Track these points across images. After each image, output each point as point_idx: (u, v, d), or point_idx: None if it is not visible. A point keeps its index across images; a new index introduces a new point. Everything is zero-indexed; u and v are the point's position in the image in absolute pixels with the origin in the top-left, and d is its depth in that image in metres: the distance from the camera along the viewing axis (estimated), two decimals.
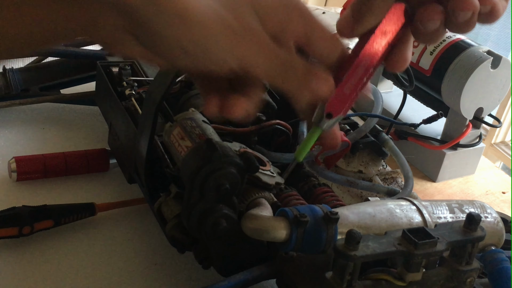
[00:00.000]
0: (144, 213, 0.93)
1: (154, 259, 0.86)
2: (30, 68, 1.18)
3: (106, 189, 0.99)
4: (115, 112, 0.94)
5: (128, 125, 0.87)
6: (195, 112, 0.81)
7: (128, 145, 0.88)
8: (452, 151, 1.16)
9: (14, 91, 1.11)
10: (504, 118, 1.96)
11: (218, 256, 0.74)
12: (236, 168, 0.69)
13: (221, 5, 0.45)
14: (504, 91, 1.13)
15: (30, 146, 1.06)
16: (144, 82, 0.96)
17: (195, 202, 0.69)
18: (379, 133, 0.95)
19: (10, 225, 0.83)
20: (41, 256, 0.84)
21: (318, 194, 0.82)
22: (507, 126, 2.03)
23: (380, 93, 1.02)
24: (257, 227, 0.66)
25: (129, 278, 0.83)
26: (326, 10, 1.74)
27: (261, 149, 0.84)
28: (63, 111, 1.18)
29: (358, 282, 0.59)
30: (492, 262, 0.70)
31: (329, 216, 0.65)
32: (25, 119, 1.15)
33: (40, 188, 0.96)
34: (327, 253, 0.66)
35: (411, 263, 0.59)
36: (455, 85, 1.09)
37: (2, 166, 0.99)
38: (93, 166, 1.01)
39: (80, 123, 1.16)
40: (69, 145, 1.07)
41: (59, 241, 0.87)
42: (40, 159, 0.97)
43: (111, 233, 0.90)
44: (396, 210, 0.71)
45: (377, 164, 0.94)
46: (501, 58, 1.09)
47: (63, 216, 0.88)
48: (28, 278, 0.80)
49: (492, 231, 0.75)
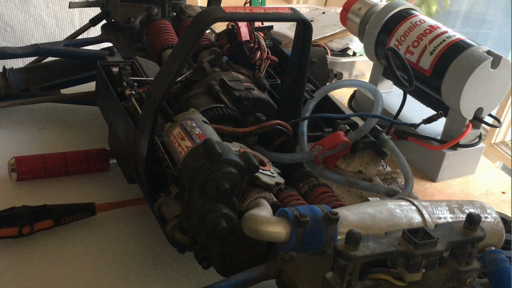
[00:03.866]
0: (144, 213, 0.93)
1: (154, 259, 0.86)
2: (30, 68, 1.18)
3: (106, 189, 0.99)
4: (115, 112, 0.94)
5: (128, 125, 0.87)
6: (195, 112, 0.81)
7: (128, 145, 0.88)
8: (452, 151, 1.16)
9: (14, 91, 1.11)
10: (504, 118, 1.95)
11: (218, 256, 0.74)
12: (236, 168, 0.69)
13: None
14: (504, 91, 1.13)
15: (30, 146, 1.06)
16: (144, 82, 0.96)
17: (195, 202, 0.69)
18: (379, 133, 0.95)
19: (10, 225, 0.83)
20: (41, 256, 0.84)
21: (318, 194, 0.82)
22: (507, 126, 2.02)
23: (380, 93, 1.02)
24: (257, 227, 0.66)
25: (129, 278, 0.83)
26: (326, 10, 1.74)
27: (261, 149, 0.84)
28: (63, 111, 1.18)
29: (358, 282, 0.59)
30: (492, 262, 0.70)
31: (329, 216, 0.65)
32: (25, 119, 1.14)
33: (40, 188, 0.96)
34: (327, 253, 0.66)
35: (411, 263, 0.59)
36: (455, 85, 1.09)
37: (2, 166, 0.99)
38: (93, 166, 1.01)
39: (80, 123, 1.16)
40: (69, 145, 1.07)
41: (59, 241, 0.87)
42: (40, 159, 0.97)
43: (111, 233, 0.90)
44: (396, 210, 0.71)
45: (377, 164, 0.94)
46: (501, 58, 1.09)
47: (63, 216, 0.88)
48: (28, 278, 0.80)
49: (492, 232, 0.75)
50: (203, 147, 0.69)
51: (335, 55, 1.53)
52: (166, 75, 0.77)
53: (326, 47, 1.49)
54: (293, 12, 0.80)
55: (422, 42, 1.17)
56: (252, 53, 1.07)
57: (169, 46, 1.12)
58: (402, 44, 1.20)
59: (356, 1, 1.33)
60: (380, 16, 1.25)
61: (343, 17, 1.35)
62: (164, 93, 0.76)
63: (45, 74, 1.17)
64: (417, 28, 1.19)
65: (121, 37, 1.21)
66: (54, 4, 1.67)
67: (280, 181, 0.79)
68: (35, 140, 1.09)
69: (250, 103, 0.91)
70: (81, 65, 1.18)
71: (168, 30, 1.17)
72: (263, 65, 1.07)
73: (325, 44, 1.52)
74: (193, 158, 0.69)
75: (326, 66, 1.24)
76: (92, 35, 1.29)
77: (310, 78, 1.07)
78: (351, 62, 1.52)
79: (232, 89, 0.91)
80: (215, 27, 1.29)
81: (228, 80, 0.93)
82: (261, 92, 0.94)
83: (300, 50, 0.85)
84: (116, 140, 0.95)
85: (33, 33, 1.65)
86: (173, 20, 1.24)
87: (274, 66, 1.11)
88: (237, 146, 0.80)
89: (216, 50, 1.07)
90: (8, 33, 1.62)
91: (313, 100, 1.00)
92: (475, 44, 1.12)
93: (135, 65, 1.02)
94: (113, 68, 0.99)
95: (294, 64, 0.87)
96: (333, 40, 1.56)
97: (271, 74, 1.08)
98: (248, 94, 0.91)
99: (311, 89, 1.04)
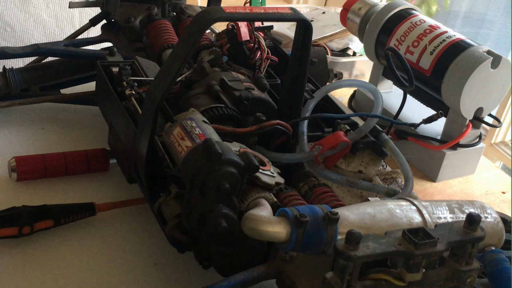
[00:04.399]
0: (144, 213, 0.93)
1: (154, 259, 0.86)
2: (30, 68, 1.18)
3: (106, 189, 0.99)
4: (115, 112, 0.94)
5: (128, 125, 0.87)
6: (195, 112, 0.81)
7: (128, 145, 0.88)
8: (452, 151, 1.16)
9: (14, 91, 1.11)
10: (504, 118, 1.95)
11: (218, 256, 0.74)
12: (236, 168, 0.69)
13: None
14: (504, 91, 1.13)
15: (30, 146, 1.06)
16: (144, 82, 0.96)
17: (195, 202, 0.69)
18: (379, 133, 0.95)
19: (10, 225, 0.83)
20: (41, 256, 0.84)
21: (318, 194, 0.82)
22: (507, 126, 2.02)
23: (380, 93, 1.02)
24: (257, 227, 0.66)
25: (129, 278, 0.83)
26: (326, 10, 1.74)
27: (261, 149, 0.84)
28: (63, 111, 1.18)
29: (358, 282, 0.59)
30: (492, 262, 0.70)
31: (329, 216, 0.65)
32: (25, 119, 1.14)
33: (40, 188, 0.96)
34: (327, 253, 0.66)
35: (411, 263, 0.59)
36: (455, 85, 1.09)
37: (2, 166, 0.99)
38: (93, 166, 1.01)
39: (80, 123, 1.16)
40: (69, 145, 1.07)
41: (59, 241, 0.87)
42: (40, 159, 0.97)
43: (111, 233, 0.90)
44: (396, 210, 0.71)
45: (377, 164, 0.94)
46: (501, 58, 1.09)
47: (63, 216, 0.88)
48: (28, 278, 0.80)
49: (492, 232, 0.75)
50: (203, 147, 0.69)
51: (335, 55, 1.53)
52: (166, 75, 0.77)
53: (326, 47, 1.49)
54: (293, 12, 0.80)
55: (422, 42, 1.17)
56: (252, 53, 1.07)
57: (169, 46, 1.12)
58: (402, 44, 1.20)
59: (356, 1, 1.33)
60: (380, 16, 1.25)
61: (343, 17, 1.35)
62: (164, 93, 0.76)
63: (45, 74, 1.17)
64: (417, 28, 1.19)
65: (121, 37, 1.21)
66: (54, 4, 1.67)
67: (280, 181, 0.79)
68: (35, 140, 1.09)
69: (250, 103, 0.91)
70: (81, 65, 1.18)
71: (168, 30, 1.17)
72: (263, 65, 1.07)
73: (325, 44, 1.52)
74: (193, 158, 0.69)
75: (326, 66, 1.24)
76: (92, 35, 1.29)
77: (310, 78, 1.07)
78: (351, 62, 1.52)
79: (232, 89, 0.91)
80: (215, 27, 1.29)
81: (228, 80, 0.93)
82: (261, 92, 0.94)
83: (300, 50, 0.85)
84: (116, 140, 0.95)
85: (33, 33, 1.65)
86: (173, 20, 1.24)
87: (274, 66, 1.11)
88: (237, 146, 0.80)
89: (216, 50, 1.07)
90: (8, 33, 1.62)
91: (313, 100, 1.00)
92: (475, 44, 1.12)
93: (135, 65, 1.02)
94: (113, 68, 0.99)
95: (294, 64, 0.87)
96: (333, 40, 1.56)
97: (271, 74, 1.08)
98: (248, 94, 0.91)
99: (311, 89, 1.04)
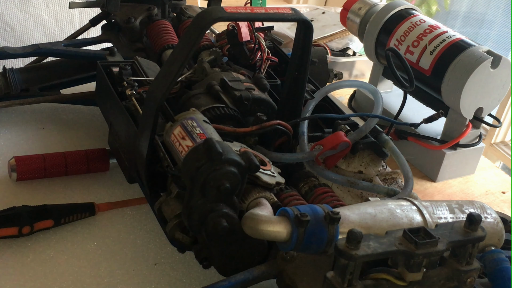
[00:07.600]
0: (144, 213, 0.93)
1: (154, 259, 0.86)
2: (30, 68, 1.18)
3: (106, 189, 0.99)
4: (115, 112, 0.94)
5: (129, 125, 0.87)
6: (195, 111, 0.81)
7: (129, 145, 0.88)
8: (452, 151, 1.16)
9: (14, 91, 1.11)
10: (504, 118, 1.95)
11: (219, 255, 0.74)
12: (236, 167, 0.69)
13: None
14: (504, 91, 1.13)
15: (30, 146, 1.06)
16: (144, 82, 0.96)
17: (196, 201, 0.69)
18: (379, 134, 0.95)
19: (10, 225, 0.83)
20: (41, 256, 0.84)
21: (318, 194, 0.82)
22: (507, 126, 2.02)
23: (380, 93, 1.02)
24: (257, 227, 0.66)
25: (129, 278, 0.83)
26: (326, 10, 1.74)
27: (261, 149, 0.84)
28: (63, 111, 1.18)
29: (359, 281, 0.59)
30: (492, 262, 0.70)
31: (330, 215, 0.65)
32: (25, 119, 1.14)
33: (40, 188, 0.96)
34: (328, 253, 0.66)
35: (411, 263, 0.59)
36: (455, 85, 1.09)
37: (2, 166, 0.99)
38: (93, 166, 1.01)
39: (80, 123, 1.16)
40: (69, 145, 1.07)
41: (59, 241, 0.87)
42: (40, 159, 0.97)
43: (111, 233, 0.90)
44: (396, 210, 0.71)
45: (377, 165, 0.94)
46: (501, 58, 1.09)
47: (63, 216, 0.88)
48: (28, 277, 0.80)
49: (492, 232, 0.75)
50: (203, 147, 0.69)
51: (335, 55, 1.53)
52: (167, 75, 0.77)
53: (326, 47, 1.49)
54: (294, 12, 0.80)
55: (422, 42, 1.17)
56: (253, 54, 1.07)
57: (169, 47, 1.12)
58: (402, 44, 1.20)
59: (356, 1, 1.33)
60: (380, 16, 1.25)
61: (343, 17, 1.35)
62: (165, 93, 0.76)
63: (45, 74, 1.17)
64: (417, 28, 1.19)
65: (121, 38, 1.21)
66: (54, 4, 1.67)
67: (281, 180, 0.79)
68: (35, 140, 1.09)
69: (250, 103, 0.91)
70: (81, 65, 1.18)
71: (168, 30, 1.17)
72: (263, 65, 1.07)
73: (325, 44, 1.52)
74: (194, 157, 0.69)
75: (326, 66, 1.24)
76: (92, 35, 1.29)
77: (310, 79, 1.07)
78: (351, 62, 1.52)
79: (233, 89, 0.91)
80: (215, 28, 1.29)
81: (228, 80, 0.93)
82: (262, 92, 0.94)
83: (301, 50, 0.85)
84: (116, 140, 0.95)
85: (33, 33, 1.65)
86: (173, 20, 1.24)
87: (274, 66, 1.11)
88: (238, 145, 0.80)
89: (216, 50, 1.07)
90: (8, 33, 1.62)
91: (313, 100, 1.00)
92: (475, 44, 1.12)
93: (136, 65, 1.02)
94: (114, 68, 0.99)
95: (294, 64, 0.87)
96: (333, 40, 1.56)
97: (271, 75, 1.08)
98: (248, 94, 0.91)
99: (311, 89, 1.04)
